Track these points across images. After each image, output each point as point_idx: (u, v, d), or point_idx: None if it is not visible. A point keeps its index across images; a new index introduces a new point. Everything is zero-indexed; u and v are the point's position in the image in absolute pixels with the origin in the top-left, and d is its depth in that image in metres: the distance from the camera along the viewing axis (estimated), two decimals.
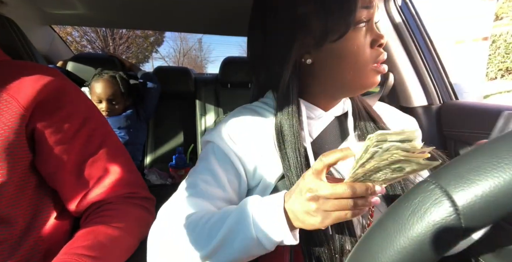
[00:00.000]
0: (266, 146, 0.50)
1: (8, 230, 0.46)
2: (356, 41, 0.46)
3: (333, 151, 0.35)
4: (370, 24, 0.47)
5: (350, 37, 0.46)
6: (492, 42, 6.88)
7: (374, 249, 0.19)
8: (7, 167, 0.45)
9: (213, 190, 0.47)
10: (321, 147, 0.51)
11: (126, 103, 1.43)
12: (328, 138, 0.52)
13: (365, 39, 0.47)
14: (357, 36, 0.46)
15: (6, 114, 0.46)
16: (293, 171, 0.47)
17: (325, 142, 0.52)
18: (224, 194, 0.48)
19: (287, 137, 0.49)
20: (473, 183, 0.17)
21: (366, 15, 0.46)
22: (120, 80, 1.38)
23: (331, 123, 0.53)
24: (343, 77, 0.49)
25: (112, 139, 0.57)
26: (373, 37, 0.47)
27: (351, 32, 0.46)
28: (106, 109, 1.35)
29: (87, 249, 0.43)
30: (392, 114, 0.60)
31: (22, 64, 0.53)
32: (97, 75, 1.37)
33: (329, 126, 0.53)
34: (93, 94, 1.35)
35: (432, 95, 0.93)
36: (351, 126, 0.53)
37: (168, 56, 17.19)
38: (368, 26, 0.47)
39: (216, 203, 0.47)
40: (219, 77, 1.91)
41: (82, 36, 10.79)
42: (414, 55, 0.92)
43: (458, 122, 0.84)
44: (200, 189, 0.47)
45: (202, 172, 0.49)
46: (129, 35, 11.46)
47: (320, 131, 0.52)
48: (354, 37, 0.46)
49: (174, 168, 1.37)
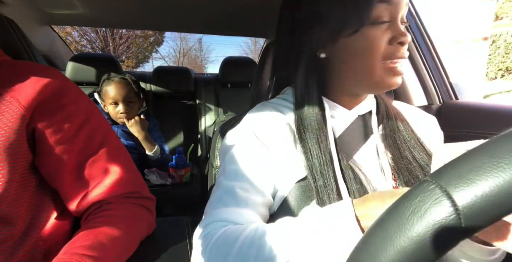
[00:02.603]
0: (288, 143, 0.49)
1: (9, 230, 0.47)
2: (372, 37, 0.44)
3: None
4: (393, 22, 0.45)
5: (366, 32, 0.44)
6: (492, 42, 6.88)
7: (374, 249, 0.19)
8: (8, 167, 0.45)
9: (253, 197, 0.45)
10: (344, 144, 0.50)
11: (140, 105, 1.42)
12: (351, 136, 0.51)
13: (382, 36, 0.44)
14: (374, 32, 0.44)
15: (7, 114, 0.46)
16: (317, 168, 0.45)
17: (349, 140, 0.51)
18: (263, 199, 0.46)
19: (310, 134, 0.47)
20: (473, 182, 0.17)
21: (386, 11, 0.44)
22: (131, 80, 1.37)
23: (355, 122, 0.52)
24: (357, 73, 0.47)
25: (112, 138, 0.57)
26: (394, 34, 0.44)
27: (368, 27, 0.44)
28: (124, 111, 1.32)
29: (88, 249, 0.43)
30: (413, 113, 0.58)
31: (23, 64, 0.53)
32: (106, 80, 1.35)
33: (352, 125, 0.52)
34: (108, 98, 1.32)
35: (432, 95, 0.93)
36: (375, 125, 0.52)
37: (168, 56, 17.19)
38: (390, 23, 0.45)
39: (259, 210, 0.45)
40: (219, 77, 1.91)
41: (82, 36, 10.79)
42: (414, 55, 0.92)
43: (458, 122, 0.84)
44: (240, 198, 0.44)
45: (237, 178, 0.46)
46: (129, 35, 11.47)
47: (343, 129, 0.51)
48: (371, 33, 0.44)
49: (174, 168, 1.37)
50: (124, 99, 1.33)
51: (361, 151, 0.51)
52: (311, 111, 0.49)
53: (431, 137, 0.55)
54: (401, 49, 0.45)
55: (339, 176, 0.45)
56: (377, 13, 0.43)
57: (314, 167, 0.45)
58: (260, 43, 14.03)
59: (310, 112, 0.49)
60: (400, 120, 0.53)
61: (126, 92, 1.32)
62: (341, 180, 0.45)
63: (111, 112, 1.36)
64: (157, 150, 1.37)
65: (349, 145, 0.50)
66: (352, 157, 0.49)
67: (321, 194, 0.44)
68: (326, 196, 0.43)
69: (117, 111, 1.33)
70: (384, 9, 0.43)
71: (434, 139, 0.55)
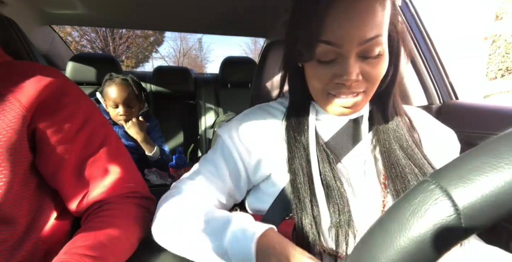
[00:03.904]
0: (275, 147, 0.52)
1: (10, 230, 0.47)
2: (314, 71, 0.47)
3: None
4: (339, 60, 0.44)
5: (311, 66, 0.47)
6: (492, 42, 6.88)
7: (374, 249, 0.19)
8: (9, 168, 0.45)
9: (214, 180, 0.53)
10: (333, 149, 0.51)
11: (140, 106, 1.41)
12: (340, 141, 0.52)
13: (326, 71, 0.45)
14: (316, 68, 0.46)
15: (9, 115, 0.46)
16: (297, 172, 0.48)
17: (337, 144, 0.51)
18: (223, 185, 0.53)
19: (295, 139, 0.50)
20: (473, 182, 0.17)
21: (330, 51, 0.43)
22: (133, 82, 1.35)
23: (345, 126, 0.52)
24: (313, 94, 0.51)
25: (112, 138, 0.57)
26: (338, 72, 0.44)
27: (313, 62, 0.46)
28: (124, 114, 1.32)
29: (88, 249, 0.43)
30: (429, 124, 0.57)
31: (23, 64, 0.53)
32: (108, 80, 1.33)
33: (342, 129, 0.52)
34: (108, 100, 1.32)
35: (432, 95, 0.93)
36: (365, 131, 0.52)
37: (168, 56, 17.20)
38: (337, 60, 0.44)
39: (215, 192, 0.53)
40: (219, 77, 1.91)
41: (82, 36, 10.79)
42: (414, 55, 0.92)
43: (458, 122, 0.84)
44: (204, 177, 0.53)
45: (209, 161, 0.55)
46: (129, 35, 11.46)
47: (333, 133, 0.52)
48: (314, 68, 0.46)
49: (174, 168, 1.36)
50: (124, 102, 1.31)
51: (349, 155, 0.51)
52: (298, 115, 0.52)
53: (443, 151, 0.53)
54: (341, 86, 0.45)
55: (316, 178, 0.47)
56: (321, 52, 0.44)
57: (295, 168, 0.48)
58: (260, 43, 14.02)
59: (297, 115, 0.52)
60: (400, 127, 0.51)
61: (126, 95, 1.31)
62: (318, 182, 0.47)
63: (111, 113, 1.35)
64: (157, 151, 1.37)
65: (337, 148, 0.51)
66: (340, 160, 0.51)
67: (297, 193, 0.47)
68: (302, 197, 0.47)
69: (117, 113, 1.33)
70: (327, 48, 0.43)
71: (445, 153, 0.53)
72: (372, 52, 0.43)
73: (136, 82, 1.38)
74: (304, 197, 0.46)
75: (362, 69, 0.44)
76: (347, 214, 0.45)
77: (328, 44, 0.43)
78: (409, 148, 0.49)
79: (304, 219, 0.45)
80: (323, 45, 0.43)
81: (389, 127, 0.51)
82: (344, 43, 0.42)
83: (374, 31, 0.42)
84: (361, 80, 0.45)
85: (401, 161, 0.48)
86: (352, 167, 0.50)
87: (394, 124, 0.52)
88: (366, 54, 0.43)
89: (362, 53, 0.43)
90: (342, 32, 0.41)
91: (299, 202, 0.46)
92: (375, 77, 0.45)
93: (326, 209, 0.46)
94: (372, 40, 0.42)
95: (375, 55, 0.44)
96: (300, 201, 0.46)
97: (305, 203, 0.46)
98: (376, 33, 0.42)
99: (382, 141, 0.51)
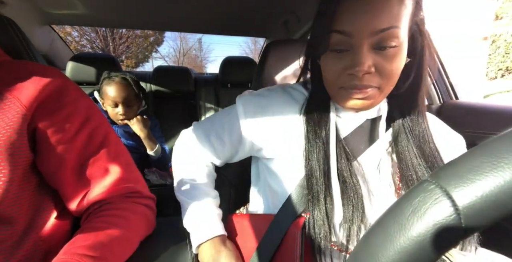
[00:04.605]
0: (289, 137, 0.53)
1: (9, 230, 0.47)
2: (328, 63, 0.47)
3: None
4: (351, 51, 0.44)
5: (325, 58, 0.47)
6: (492, 42, 6.88)
7: (374, 249, 0.19)
8: (9, 167, 0.45)
9: (215, 140, 0.60)
10: (349, 146, 0.51)
11: (139, 105, 1.40)
12: (357, 139, 0.52)
13: (338, 63, 0.45)
14: (330, 59, 0.46)
15: (9, 114, 0.46)
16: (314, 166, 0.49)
17: (354, 142, 0.52)
18: (221, 148, 0.60)
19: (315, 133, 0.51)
20: (473, 182, 0.17)
21: (343, 40, 0.44)
22: (132, 81, 1.34)
23: (362, 125, 0.52)
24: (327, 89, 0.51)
25: (112, 138, 0.57)
26: (350, 63, 0.44)
27: (328, 54, 0.46)
28: (123, 113, 1.30)
29: (88, 249, 0.43)
30: (441, 130, 0.56)
31: (23, 64, 0.53)
32: (107, 79, 1.31)
33: (359, 128, 0.52)
34: (107, 99, 1.29)
35: (432, 95, 0.93)
36: (382, 131, 0.52)
37: (168, 56, 17.20)
38: (350, 52, 0.44)
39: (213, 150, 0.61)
40: (219, 77, 1.91)
41: (82, 36, 10.78)
42: None
43: (458, 122, 0.84)
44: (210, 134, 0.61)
45: (217, 123, 0.62)
46: (129, 35, 11.45)
47: (350, 131, 0.52)
48: (328, 59, 0.47)
49: None
50: (124, 102, 1.30)
51: (365, 154, 0.51)
52: (320, 110, 0.52)
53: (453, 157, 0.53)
54: (353, 78, 0.44)
55: (333, 174, 0.48)
56: (335, 42, 0.45)
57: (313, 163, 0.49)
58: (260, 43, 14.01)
59: (319, 110, 0.52)
60: (422, 132, 0.50)
61: (126, 94, 1.29)
62: (335, 178, 0.48)
63: (110, 113, 1.33)
64: (158, 149, 1.37)
65: (354, 146, 0.51)
66: (357, 158, 0.51)
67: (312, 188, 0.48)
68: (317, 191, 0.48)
69: (116, 113, 1.31)
70: (341, 38, 0.44)
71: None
72: (386, 44, 0.43)
73: (135, 81, 1.37)
74: (319, 191, 0.47)
75: (376, 62, 0.43)
76: (360, 210, 0.46)
77: (341, 34, 0.43)
78: (431, 155, 0.49)
79: (317, 214, 0.46)
80: (336, 35, 0.44)
81: (411, 131, 0.51)
82: (356, 33, 0.42)
83: (388, 22, 0.41)
84: (373, 73, 0.44)
85: (416, 163, 0.48)
86: (368, 165, 0.51)
87: (416, 128, 0.51)
88: (380, 45, 0.43)
89: (376, 44, 0.43)
90: (354, 22, 0.42)
91: (313, 197, 0.47)
92: (390, 72, 0.44)
93: (340, 204, 0.46)
94: (385, 31, 0.42)
95: (389, 47, 0.43)
96: (314, 196, 0.47)
97: (319, 197, 0.46)
98: (390, 24, 0.41)
99: (399, 143, 0.50)
